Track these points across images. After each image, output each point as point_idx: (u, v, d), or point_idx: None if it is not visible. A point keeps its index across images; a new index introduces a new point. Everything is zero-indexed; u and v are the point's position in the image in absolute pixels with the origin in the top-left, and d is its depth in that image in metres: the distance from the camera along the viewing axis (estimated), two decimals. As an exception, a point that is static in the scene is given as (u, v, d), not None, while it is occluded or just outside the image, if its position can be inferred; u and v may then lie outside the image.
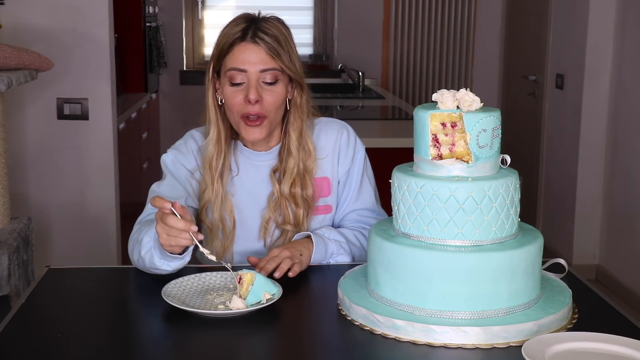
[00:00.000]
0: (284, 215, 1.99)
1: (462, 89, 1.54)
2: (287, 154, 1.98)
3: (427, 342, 1.45)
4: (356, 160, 2.07)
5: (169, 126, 6.17)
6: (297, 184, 1.97)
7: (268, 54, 1.89)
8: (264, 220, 2.00)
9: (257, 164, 2.02)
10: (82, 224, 3.63)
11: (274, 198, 1.99)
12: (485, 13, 6.14)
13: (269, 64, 1.90)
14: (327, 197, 2.04)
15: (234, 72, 1.90)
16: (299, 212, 1.98)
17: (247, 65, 1.89)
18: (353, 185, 2.06)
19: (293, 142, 1.98)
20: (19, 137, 3.50)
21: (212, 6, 6.42)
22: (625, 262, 4.29)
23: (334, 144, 2.04)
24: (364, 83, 5.53)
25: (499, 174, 1.55)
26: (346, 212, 2.07)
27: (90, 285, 1.85)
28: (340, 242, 1.96)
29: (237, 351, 1.49)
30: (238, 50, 1.89)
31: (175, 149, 2.04)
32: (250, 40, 1.89)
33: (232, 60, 1.90)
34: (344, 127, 2.08)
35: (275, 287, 1.65)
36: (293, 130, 1.98)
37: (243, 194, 2.01)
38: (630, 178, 4.21)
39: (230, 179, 2.00)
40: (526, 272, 1.52)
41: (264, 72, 1.90)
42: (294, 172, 1.97)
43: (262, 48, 1.89)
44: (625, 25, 4.29)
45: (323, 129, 2.05)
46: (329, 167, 2.04)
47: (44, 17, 3.46)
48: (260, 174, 2.01)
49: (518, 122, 5.51)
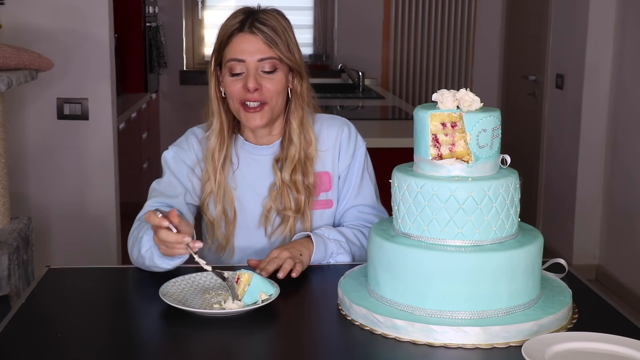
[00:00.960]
0: (285, 202, 2.00)
1: (462, 89, 1.54)
2: (288, 142, 2.00)
3: (427, 342, 1.45)
4: (357, 156, 2.07)
5: (169, 126, 6.17)
6: (297, 170, 1.99)
7: (265, 43, 1.92)
8: (265, 209, 2.02)
9: (258, 157, 2.03)
10: (82, 224, 3.63)
11: (275, 188, 2.00)
12: (485, 13, 6.14)
13: (266, 53, 1.92)
14: (327, 191, 2.05)
15: (233, 62, 1.93)
16: (300, 198, 1.99)
17: (245, 55, 1.92)
18: (354, 181, 2.06)
19: (294, 130, 2.00)
20: (19, 137, 3.50)
21: (212, 6, 6.42)
22: (625, 262, 4.29)
23: (335, 139, 2.06)
24: (364, 83, 5.52)
25: (499, 174, 1.55)
26: (346, 207, 2.07)
27: (90, 285, 1.85)
28: (340, 241, 1.96)
29: (237, 351, 1.49)
30: (236, 41, 1.93)
31: (177, 145, 2.06)
32: (247, 31, 1.93)
33: (231, 51, 1.93)
34: (345, 123, 2.10)
35: (272, 287, 1.65)
36: (294, 118, 2.00)
37: (244, 187, 2.03)
38: (630, 178, 4.21)
39: (232, 173, 2.02)
40: (526, 272, 1.52)
41: (262, 62, 1.92)
42: (295, 158, 1.99)
43: (259, 38, 1.92)
44: (625, 25, 4.29)
45: (324, 124, 2.07)
46: (329, 162, 2.05)
47: (44, 17, 3.46)
48: (262, 167, 2.03)
49: (518, 122, 5.51)
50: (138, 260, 1.84)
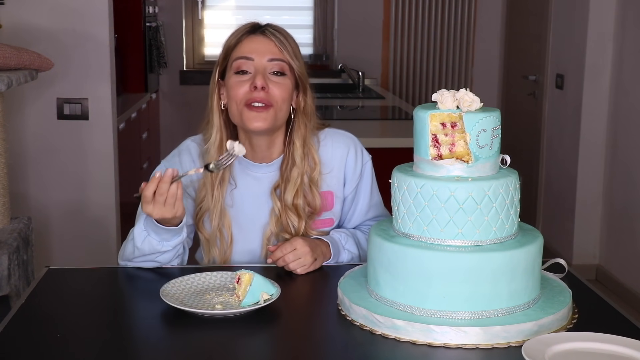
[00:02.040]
0: (284, 225, 1.95)
1: (462, 89, 1.54)
2: (291, 163, 1.93)
3: (427, 342, 1.45)
4: (364, 174, 2.04)
5: (169, 126, 6.17)
6: (299, 195, 1.93)
7: (277, 45, 1.90)
8: (265, 237, 1.97)
9: (257, 176, 1.97)
10: (82, 224, 3.63)
11: (275, 214, 1.95)
12: (485, 13, 6.14)
13: (277, 54, 1.90)
14: (330, 210, 2.01)
15: (241, 60, 1.89)
16: (300, 224, 1.94)
17: (254, 54, 1.88)
18: (367, 199, 2.04)
19: (297, 151, 1.93)
20: (19, 137, 3.50)
21: (212, 6, 6.42)
22: (625, 262, 4.29)
23: (340, 160, 2.00)
24: (364, 83, 5.53)
25: (499, 174, 1.55)
26: (357, 222, 2.06)
27: (90, 285, 1.85)
28: (353, 253, 1.97)
29: (237, 351, 1.49)
30: (247, 41, 1.91)
31: (168, 161, 2.00)
32: (259, 33, 1.91)
33: (240, 50, 1.90)
34: (351, 142, 2.03)
35: (274, 287, 1.65)
36: (297, 137, 1.93)
37: (243, 207, 1.97)
38: (630, 178, 4.21)
39: (230, 192, 1.96)
40: (526, 272, 1.52)
41: (271, 62, 1.89)
42: (298, 182, 1.92)
43: (271, 39, 1.90)
44: (625, 25, 4.29)
45: (329, 144, 2.00)
46: (334, 182, 2.00)
47: (44, 17, 3.46)
48: (261, 187, 1.97)
49: (518, 122, 5.51)
50: (135, 254, 1.83)
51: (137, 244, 1.81)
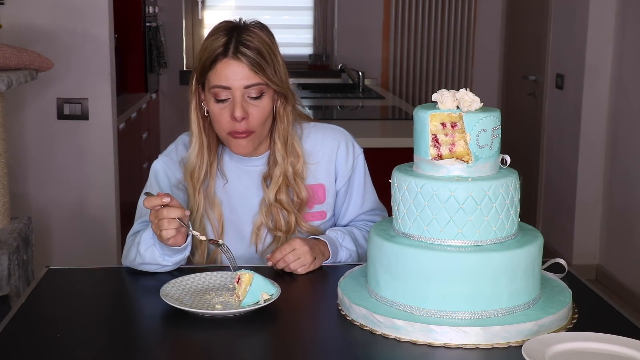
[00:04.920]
0: (276, 221, 1.97)
1: (462, 89, 1.54)
2: (273, 162, 1.97)
3: (427, 342, 1.45)
4: (356, 167, 2.05)
5: (169, 126, 6.17)
6: (282, 190, 1.95)
7: (251, 69, 1.85)
8: (255, 227, 1.98)
9: (248, 169, 2.00)
10: (82, 224, 3.63)
11: (265, 204, 1.98)
12: (485, 13, 6.14)
13: (252, 79, 1.85)
14: (321, 203, 2.03)
15: (218, 89, 1.86)
16: (290, 218, 1.96)
17: (230, 82, 1.85)
18: (360, 192, 2.05)
19: (279, 150, 1.95)
20: (19, 137, 3.50)
21: (212, 6, 6.42)
22: (625, 262, 4.29)
23: (330, 153, 2.02)
24: (364, 83, 5.53)
25: (499, 174, 1.55)
26: (352, 216, 2.07)
27: (90, 285, 1.85)
28: (351, 250, 1.97)
29: (237, 351, 1.49)
30: (220, 67, 1.85)
31: (166, 155, 2.02)
32: (232, 57, 1.84)
33: (216, 77, 1.86)
34: (341, 135, 2.05)
35: (274, 287, 1.65)
36: (278, 137, 1.96)
37: (235, 200, 2.00)
38: (630, 178, 4.21)
39: (222, 187, 1.98)
40: (526, 272, 1.52)
41: (248, 88, 1.86)
42: (280, 180, 1.95)
43: (244, 64, 1.84)
44: (625, 25, 4.29)
45: (319, 136, 2.02)
46: (323, 174, 2.02)
47: (44, 17, 3.46)
48: (252, 179, 2.00)
49: (518, 122, 5.51)
50: (136, 260, 1.83)
51: (140, 249, 1.81)
